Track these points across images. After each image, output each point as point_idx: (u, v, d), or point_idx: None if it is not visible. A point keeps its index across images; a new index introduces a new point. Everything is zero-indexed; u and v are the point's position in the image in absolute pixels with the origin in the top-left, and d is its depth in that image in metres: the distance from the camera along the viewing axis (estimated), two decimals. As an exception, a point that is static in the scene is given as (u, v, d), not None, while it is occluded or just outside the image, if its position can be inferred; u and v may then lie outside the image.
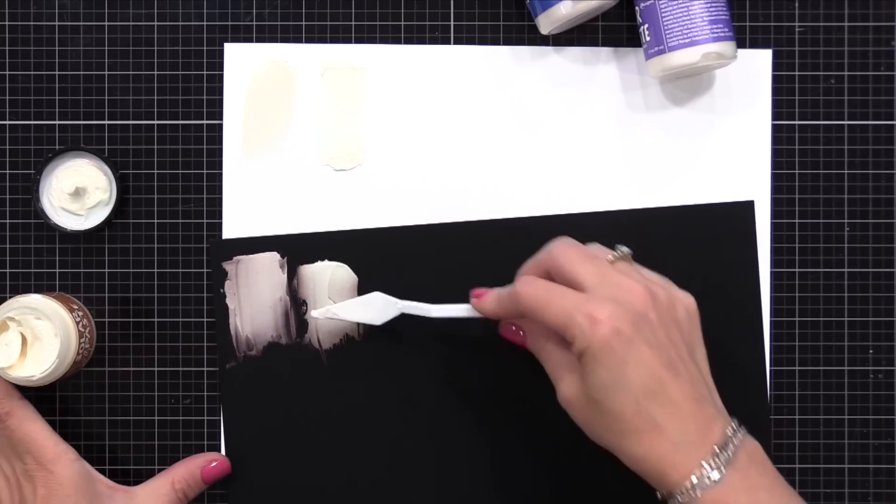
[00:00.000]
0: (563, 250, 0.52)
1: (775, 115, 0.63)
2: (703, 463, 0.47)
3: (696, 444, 0.47)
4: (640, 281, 0.50)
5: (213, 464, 0.60)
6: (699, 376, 0.50)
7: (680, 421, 0.48)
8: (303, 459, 0.61)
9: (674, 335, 0.50)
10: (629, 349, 0.47)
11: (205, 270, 0.62)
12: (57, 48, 0.62)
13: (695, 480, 0.47)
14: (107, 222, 0.61)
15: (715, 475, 0.47)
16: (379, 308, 0.59)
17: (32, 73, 0.62)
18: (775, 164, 0.63)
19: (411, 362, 0.61)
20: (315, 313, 0.60)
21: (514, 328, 0.56)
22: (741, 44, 0.62)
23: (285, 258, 0.62)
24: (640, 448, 0.48)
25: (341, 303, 0.60)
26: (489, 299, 0.55)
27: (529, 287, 0.51)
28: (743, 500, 0.47)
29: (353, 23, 0.62)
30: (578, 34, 0.62)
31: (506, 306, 0.53)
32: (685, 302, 0.52)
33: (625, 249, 0.53)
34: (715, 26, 0.57)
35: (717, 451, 0.47)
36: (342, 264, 0.61)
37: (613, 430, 0.49)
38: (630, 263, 0.53)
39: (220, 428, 0.62)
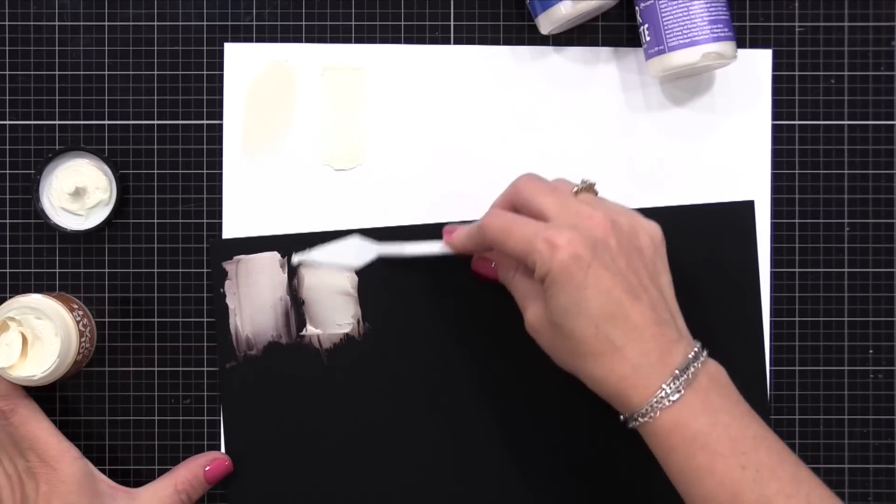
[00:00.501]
0: (527, 183, 0.53)
1: (775, 115, 0.63)
2: (663, 384, 0.48)
3: (656, 365, 0.48)
4: (602, 209, 0.51)
5: (216, 463, 0.60)
6: (661, 301, 0.51)
7: (640, 343, 0.48)
8: (303, 459, 0.61)
9: (635, 261, 0.50)
10: (587, 273, 0.48)
11: (205, 270, 0.62)
12: (57, 48, 0.62)
13: (654, 401, 0.48)
14: (107, 222, 0.61)
15: (674, 396, 0.48)
16: (356, 252, 0.60)
17: (32, 73, 0.62)
18: (775, 164, 0.63)
19: (411, 362, 0.61)
20: (296, 258, 0.60)
21: (484, 262, 0.58)
22: (741, 44, 0.62)
23: (285, 258, 0.62)
24: (600, 370, 0.49)
25: (320, 248, 0.60)
26: (458, 234, 0.56)
27: (494, 219, 0.52)
28: (702, 421, 0.47)
29: (353, 23, 0.62)
30: (578, 34, 0.62)
31: (474, 240, 0.55)
32: (649, 229, 0.52)
33: (589, 180, 0.53)
34: (715, 26, 0.57)
35: (678, 373, 0.48)
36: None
37: (575, 353, 0.50)
38: (594, 194, 0.54)
39: (220, 428, 0.62)
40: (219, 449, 0.62)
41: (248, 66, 0.62)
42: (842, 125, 0.63)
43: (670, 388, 0.48)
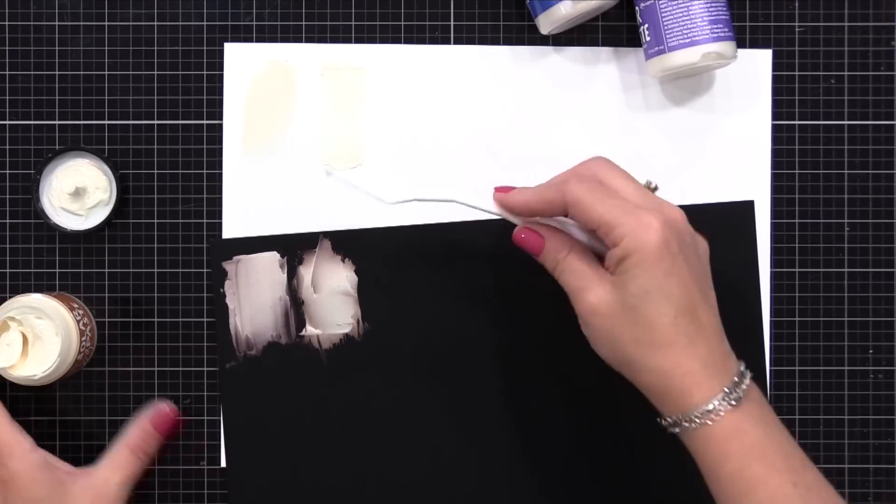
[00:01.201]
0: (603, 163, 0.52)
1: (775, 115, 0.63)
2: (725, 387, 0.47)
3: (720, 367, 0.48)
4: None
5: (160, 414, 0.59)
6: (717, 310, 0.51)
7: (708, 343, 0.48)
8: (303, 459, 0.61)
9: (700, 265, 0.50)
10: (674, 262, 0.48)
11: (205, 270, 0.62)
12: (57, 48, 0.62)
13: (716, 403, 0.47)
14: (107, 222, 0.61)
15: (733, 402, 0.47)
16: (393, 187, 0.56)
17: (32, 73, 0.62)
18: (775, 164, 0.63)
19: (410, 362, 0.61)
20: (332, 170, 0.59)
21: (534, 233, 0.52)
22: (741, 44, 0.62)
23: (285, 258, 0.62)
24: (667, 362, 0.48)
25: (358, 170, 0.59)
26: (521, 191, 0.52)
27: (579, 183, 0.50)
28: (759, 430, 0.47)
29: (353, 23, 0.62)
30: (578, 34, 0.62)
31: (543, 199, 0.51)
32: (702, 243, 0.52)
33: (653, 184, 0.53)
34: (715, 26, 0.57)
35: (737, 380, 0.48)
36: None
37: (643, 340, 0.48)
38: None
39: (220, 428, 0.62)
40: (219, 449, 0.62)
41: (248, 66, 0.62)
42: (842, 125, 0.63)
43: (733, 393, 0.47)
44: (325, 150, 0.62)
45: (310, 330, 0.61)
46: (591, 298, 0.49)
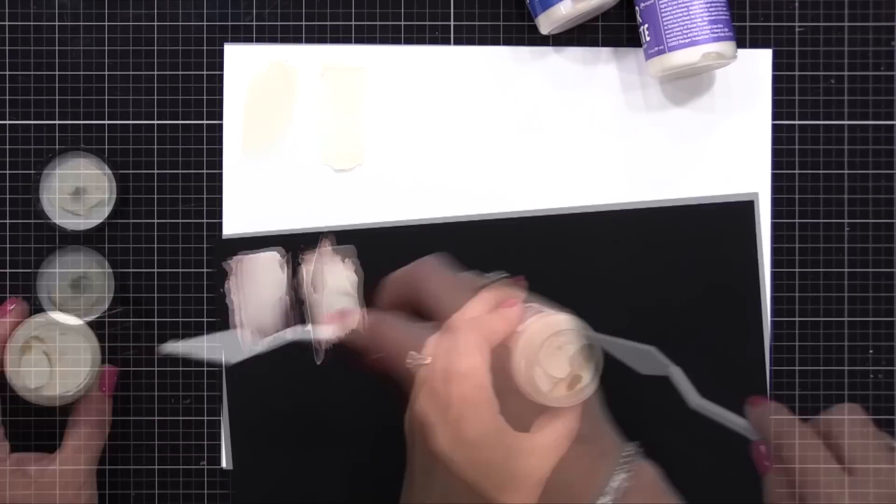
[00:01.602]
0: (414, 277, 0.51)
1: (775, 115, 0.63)
2: None
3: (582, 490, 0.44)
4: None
5: (105, 377, 0.59)
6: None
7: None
8: (304, 458, 0.61)
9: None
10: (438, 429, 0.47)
11: (205, 270, 0.62)
12: (57, 48, 0.62)
13: None
14: (107, 222, 0.61)
15: None
16: (230, 349, 0.56)
17: (32, 73, 0.62)
18: (775, 164, 0.63)
19: (411, 362, 0.61)
20: (167, 348, 0.57)
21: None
22: (741, 44, 0.62)
23: (286, 257, 0.61)
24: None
25: (193, 339, 0.58)
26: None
27: (374, 316, 0.50)
28: None
29: (353, 23, 0.62)
30: (578, 34, 0.63)
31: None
32: (466, 363, 0.47)
33: (495, 277, 0.49)
34: (715, 26, 0.57)
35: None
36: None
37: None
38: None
39: (220, 428, 0.62)
40: (219, 449, 0.62)
41: (248, 67, 0.62)
42: (842, 125, 0.63)
43: None
44: (325, 149, 0.62)
45: (310, 329, 0.61)
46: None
